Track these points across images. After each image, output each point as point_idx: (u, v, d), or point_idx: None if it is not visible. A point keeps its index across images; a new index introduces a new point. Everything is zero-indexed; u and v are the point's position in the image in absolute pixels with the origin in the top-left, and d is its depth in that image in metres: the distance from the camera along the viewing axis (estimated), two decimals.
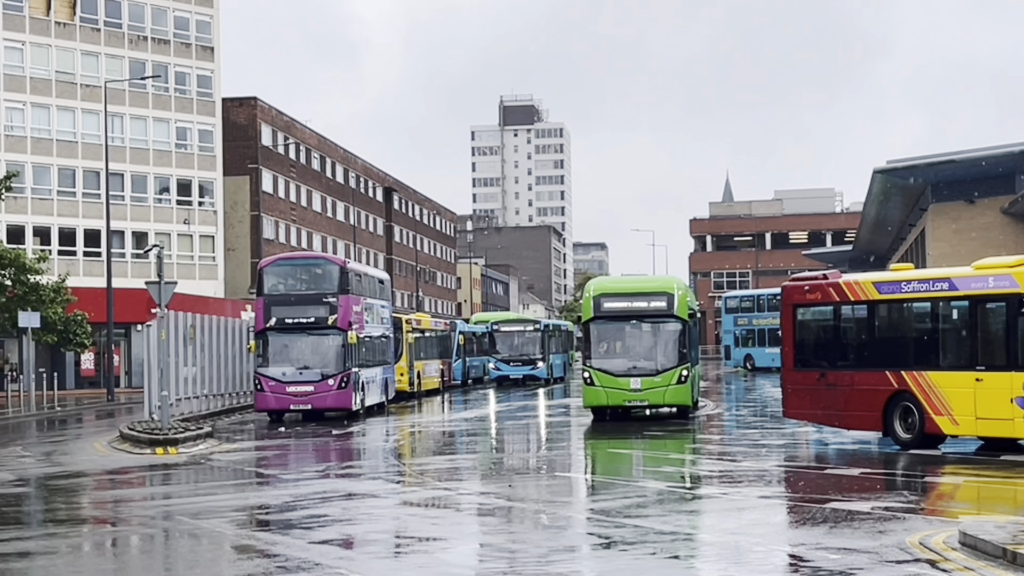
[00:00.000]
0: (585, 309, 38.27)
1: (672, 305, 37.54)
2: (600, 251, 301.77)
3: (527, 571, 14.43)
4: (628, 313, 37.84)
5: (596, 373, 37.33)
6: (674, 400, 37.28)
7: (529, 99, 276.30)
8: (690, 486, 23.21)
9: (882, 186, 64.29)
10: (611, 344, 38.20)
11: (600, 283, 40.51)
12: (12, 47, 78.12)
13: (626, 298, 37.99)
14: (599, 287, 38.97)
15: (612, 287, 39.46)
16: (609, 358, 37.69)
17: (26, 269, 56.74)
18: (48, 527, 19.76)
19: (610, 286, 39.75)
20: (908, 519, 17.44)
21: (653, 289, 38.57)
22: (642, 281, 42.46)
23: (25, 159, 77.27)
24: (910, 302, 27.79)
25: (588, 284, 39.69)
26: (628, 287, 39.32)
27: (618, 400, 37.29)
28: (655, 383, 36.88)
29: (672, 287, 38.44)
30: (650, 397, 37.15)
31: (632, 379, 37.02)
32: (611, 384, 37.11)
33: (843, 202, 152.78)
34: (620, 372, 37.24)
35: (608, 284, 40.85)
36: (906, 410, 27.20)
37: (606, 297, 38.00)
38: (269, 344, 43.49)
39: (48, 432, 42.80)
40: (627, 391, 37.05)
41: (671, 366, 37.10)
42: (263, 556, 15.98)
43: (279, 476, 26.74)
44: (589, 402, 37.91)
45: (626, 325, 38.09)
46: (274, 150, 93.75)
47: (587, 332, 38.08)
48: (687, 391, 37.44)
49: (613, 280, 44.10)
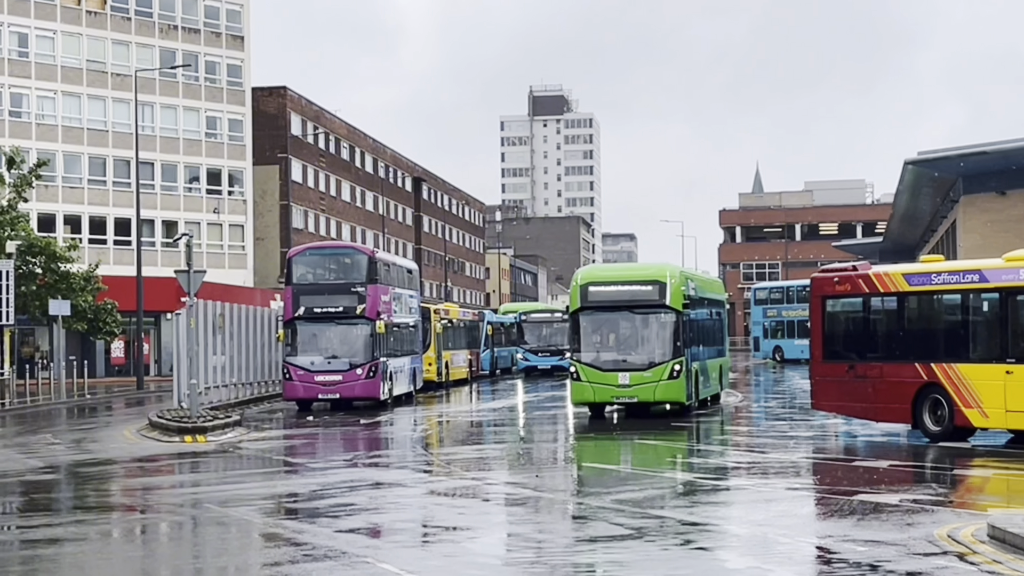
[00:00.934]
0: (572, 299, 35.96)
1: (664, 294, 35.00)
2: (629, 242, 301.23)
3: (553, 561, 14.43)
4: (617, 303, 35.44)
5: (583, 367, 35.15)
6: (665, 396, 34.87)
7: (559, 89, 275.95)
8: (715, 478, 23.16)
9: (913, 177, 63.91)
10: (599, 336, 35.91)
11: (589, 271, 38.27)
12: (44, 36, 78.47)
13: (614, 286, 35.66)
14: (587, 275, 36.59)
15: (600, 275, 37.12)
16: (597, 351, 35.45)
17: (57, 257, 57.01)
18: (77, 514, 19.87)
19: (598, 274, 37.45)
20: (937, 512, 17.36)
21: (643, 277, 36.06)
22: (632, 268, 40.67)
23: (56, 147, 77.60)
24: (940, 294, 27.66)
25: (577, 272, 37.34)
26: (617, 275, 37.11)
27: (605, 396, 35.05)
28: (645, 378, 34.55)
29: (664, 275, 35.58)
30: (639, 393, 34.69)
31: (620, 374, 34.73)
32: (598, 379, 34.87)
33: (874, 193, 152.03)
34: (608, 366, 34.95)
35: (597, 272, 38.46)
36: (935, 402, 27.07)
37: (594, 285, 35.70)
38: (298, 333, 43.60)
39: (78, 420, 43.03)
40: (614, 387, 34.75)
41: (663, 360, 34.65)
42: (290, 544, 16.02)
43: (307, 465, 26.81)
44: (576, 398, 35.88)
45: (615, 316, 35.69)
46: (303, 139, 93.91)
47: (575, 323, 35.83)
48: (680, 387, 34.76)
49: (602, 268, 41.34)
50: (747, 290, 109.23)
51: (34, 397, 51.10)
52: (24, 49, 77.82)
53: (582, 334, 35.53)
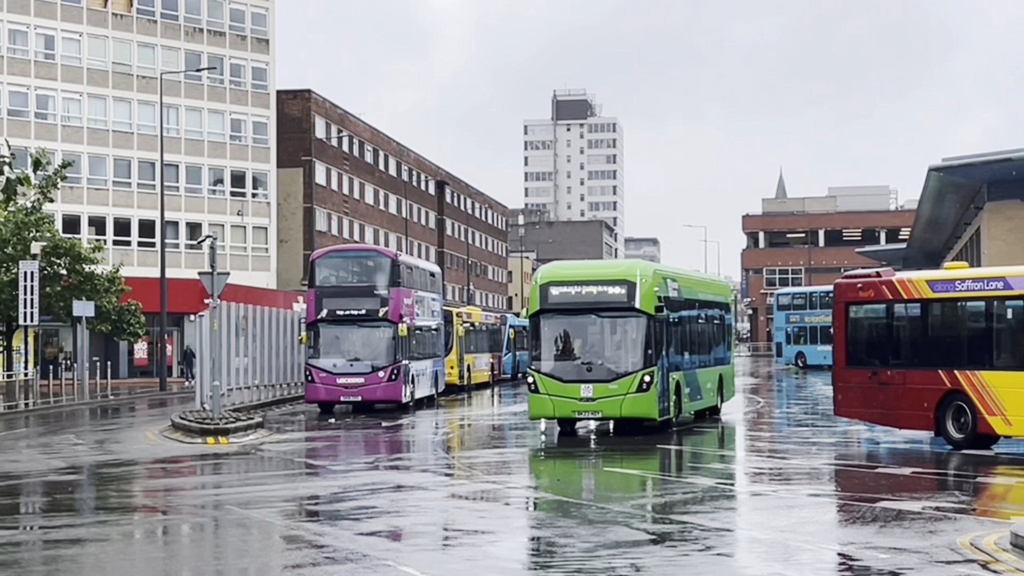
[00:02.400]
0: (532, 300, 32.28)
1: (632, 295, 31.09)
2: (652, 246, 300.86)
3: (574, 566, 14.41)
4: (580, 305, 31.63)
5: (541, 378, 31.39)
6: (633, 411, 30.98)
7: (583, 93, 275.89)
8: (735, 483, 23.10)
9: (937, 184, 63.72)
10: (561, 343, 32.07)
11: (550, 268, 33.75)
12: (70, 38, 78.83)
13: (578, 287, 31.75)
14: (548, 273, 32.71)
15: (563, 273, 32.73)
16: (557, 360, 31.76)
17: (81, 259, 57.19)
18: (99, 514, 19.94)
19: (561, 272, 32.95)
20: (959, 519, 17.30)
21: (610, 276, 32.19)
22: (599, 266, 36.64)
23: (81, 149, 77.95)
24: (964, 301, 27.55)
25: (538, 270, 33.50)
26: (581, 273, 32.82)
27: (565, 411, 31.31)
28: (610, 391, 30.75)
29: (633, 273, 31.75)
30: (604, 408, 30.94)
31: (583, 386, 30.92)
32: (558, 391, 31.11)
33: (898, 199, 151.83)
34: (569, 377, 31.18)
35: (559, 270, 33.53)
36: (959, 410, 26.96)
37: (555, 285, 31.86)
38: (320, 336, 43.70)
39: (101, 420, 43.17)
40: (576, 400, 30.97)
41: (631, 370, 30.87)
42: (311, 547, 16.05)
43: (328, 467, 26.85)
44: (534, 412, 32.09)
45: (578, 320, 31.85)
46: (327, 143, 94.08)
47: (534, 328, 32.14)
48: (650, 401, 30.87)
49: (566, 265, 35.80)
50: (770, 295, 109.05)
51: (57, 398, 51.29)
52: (50, 51, 78.20)
53: (542, 340, 31.91)
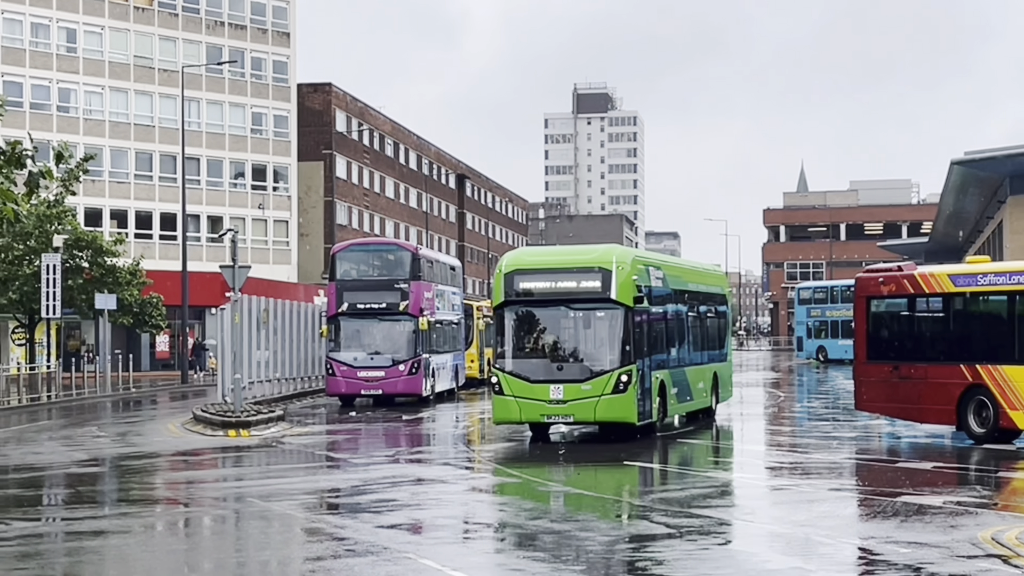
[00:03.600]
0: (495, 290, 28.93)
1: (608, 285, 27.77)
2: (672, 240, 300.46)
3: (594, 559, 14.42)
4: (549, 296, 28.29)
5: (507, 378, 28.01)
6: (608, 415, 27.66)
7: (603, 87, 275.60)
8: (757, 477, 23.09)
9: (959, 178, 63.49)
10: (528, 338, 28.73)
11: (517, 255, 30.23)
12: (91, 31, 79.06)
13: (547, 275, 28.51)
14: (514, 260, 29.24)
15: (530, 261, 29.45)
16: (525, 357, 28.38)
17: (103, 251, 57.40)
18: (121, 507, 20.03)
19: (528, 260, 29.63)
20: (980, 514, 17.26)
21: (583, 263, 28.56)
22: (571, 252, 31.58)
23: (103, 143, 78.22)
24: (986, 295, 27.47)
25: (503, 258, 29.89)
26: (551, 260, 29.53)
27: (533, 415, 27.99)
28: (582, 392, 27.51)
29: (609, 260, 28.18)
30: (576, 411, 27.66)
31: (552, 386, 27.59)
32: (525, 392, 27.79)
33: (919, 193, 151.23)
34: (537, 377, 27.85)
35: (526, 257, 30.20)
36: (980, 404, 26.89)
37: (522, 275, 28.52)
38: (341, 329, 43.76)
39: (123, 413, 43.33)
40: (544, 402, 27.68)
41: (607, 369, 27.61)
42: (332, 539, 16.09)
43: (349, 460, 26.92)
44: (499, 416, 28.59)
45: (547, 312, 28.44)
46: (348, 136, 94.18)
47: (499, 322, 28.72)
48: (627, 403, 27.56)
49: (534, 251, 32.83)
50: (791, 289, 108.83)
51: (80, 390, 51.49)
52: (72, 45, 78.44)
53: (507, 335, 28.46)
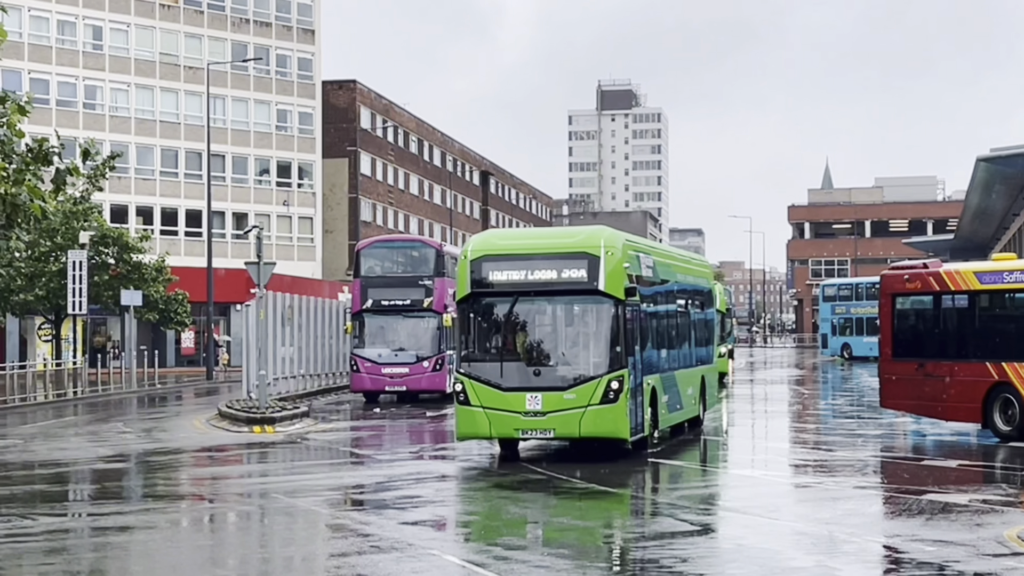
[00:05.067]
0: (460, 280, 24.21)
1: (595, 274, 23.37)
2: (696, 237, 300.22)
3: (619, 555, 14.42)
4: (524, 287, 23.73)
5: (473, 385, 23.51)
6: (597, 429, 23.13)
7: (627, 84, 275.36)
8: (782, 474, 23.06)
9: (985, 174, 63.24)
10: (499, 338, 24.28)
11: (484, 239, 25.26)
12: (118, 28, 79.35)
13: (522, 262, 23.79)
14: (481, 245, 24.52)
15: (501, 245, 24.66)
16: (495, 360, 23.91)
17: (129, 248, 57.66)
18: (147, 502, 20.13)
19: (498, 243, 24.82)
20: (1006, 512, 17.20)
21: (565, 248, 24.04)
22: (551, 235, 27.78)
23: (129, 139, 78.50)
24: (1012, 292, 27.34)
25: (467, 241, 25.42)
26: (526, 245, 24.70)
27: (505, 429, 23.48)
28: (565, 402, 23.08)
29: (597, 244, 23.65)
30: (558, 425, 23.13)
31: (528, 395, 23.17)
32: (495, 403, 23.33)
33: (945, 190, 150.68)
34: (509, 384, 23.39)
35: (496, 240, 25.28)
36: (1006, 402, 26.79)
37: (492, 261, 23.96)
38: (365, 325, 43.84)
39: (148, 409, 43.50)
40: (519, 414, 23.19)
41: (593, 374, 23.27)
42: (357, 535, 16.13)
43: (374, 456, 26.96)
44: (463, 431, 24.03)
45: (522, 307, 23.86)
46: (372, 133, 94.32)
47: (463, 318, 24.25)
48: (619, 414, 23.18)
49: (505, 234, 28.26)
50: (816, 286, 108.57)
51: (105, 386, 51.69)
52: (98, 42, 78.76)
53: (473, 334, 24.17)
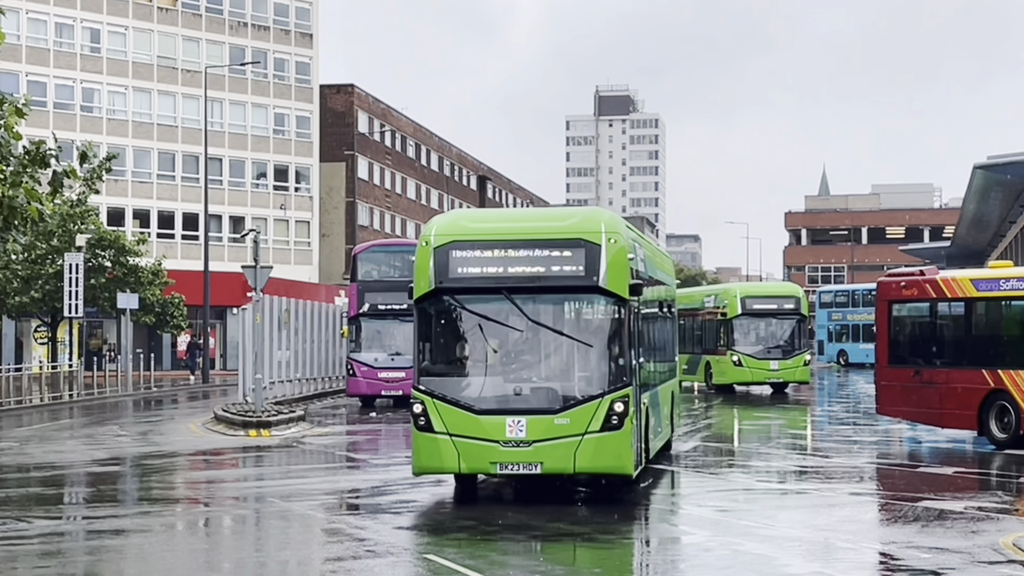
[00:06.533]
0: (419, 273, 18.97)
1: (595, 267, 18.56)
2: (693, 243, 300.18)
3: (614, 562, 14.41)
4: (503, 281, 18.72)
5: (436, 406, 18.48)
6: (594, 463, 18.35)
7: (625, 89, 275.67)
8: (780, 482, 23.05)
9: (982, 182, 63.34)
10: (469, 346, 19.36)
11: (452, 222, 19.68)
12: (115, 31, 79.35)
13: (500, 250, 18.80)
14: (448, 228, 19.23)
15: (474, 229, 19.32)
16: (466, 375, 19.14)
17: (125, 251, 57.67)
18: (142, 505, 20.11)
19: (471, 227, 19.45)
20: (1002, 520, 17.21)
21: (557, 233, 18.93)
22: (536, 217, 21.58)
23: (126, 142, 78.48)
24: (1008, 300, 27.34)
25: (428, 225, 19.59)
26: (506, 229, 19.45)
27: (479, 462, 18.40)
28: (556, 429, 18.21)
29: (597, 229, 18.76)
30: (547, 457, 18.19)
31: (508, 420, 18.22)
32: (466, 428, 18.32)
33: (942, 197, 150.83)
34: (485, 405, 18.49)
35: (467, 223, 19.69)
36: (1002, 409, 26.78)
37: (461, 249, 18.85)
38: (362, 330, 43.84)
39: (144, 412, 43.46)
40: (498, 444, 18.20)
41: (592, 393, 18.40)
42: (352, 540, 16.12)
43: (370, 461, 26.95)
44: (423, 464, 18.79)
45: (500, 308, 18.86)
46: (370, 137, 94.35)
47: (423, 320, 19.12)
48: (622, 444, 18.41)
49: (477, 216, 21.55)
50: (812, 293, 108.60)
51: (101, 389, 51.65)
52: (96, 45, 78.75)
53: (435, 341, 19.34)
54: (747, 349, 47.83)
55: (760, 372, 47.75)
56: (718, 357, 49.11)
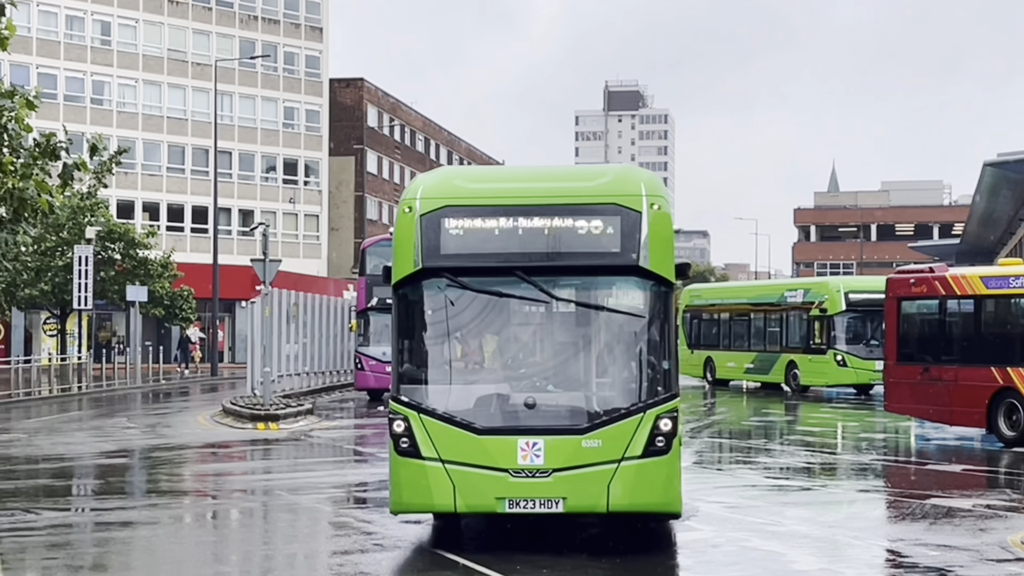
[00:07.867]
0: (401, 247, 15.20)
1: (633, 240, 14.17)
2: (702, 239, 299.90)
3: (618, 559, 14.39)
4: (511, 260, 14.34)
5: (424, 423, 14.32)
6: (635, 499, 14.01)
7: (634, 84, 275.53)
8: (788, 479, 23.03)
9: (992, 179, 63.16)
10: (470, 345, 15.35)
11: (443, 181, 15.08)
12: (126, 24, 79.42)
13: (507, 219, 14.36)
14: (437, 190, 14.71)
15: (471, 191, 14.69)
16: (463, 382, 14.91)
17: (135, 244, 57.74)
18: (151, 498, 20.13)
19: (467, 187, 14.79)
20: (1010, 517, 17.18)
21: (581, 195, 14.44)
22: (550, 176, 15.36)
23: (136, 135, 78.55)
24: (1018, 298, 27.29)
25: (413, 185, 15.06)
26: (512, 191, 14.67)
27: (481, 498, 13.98)
28: (583, 453, 13.90)
29: (636, 190, 14.30)
30: (570, 491, 13.88)
31: (522, 441, 13.88)
32: (465, 454, 14.00)
33: (952, 194, 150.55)
34: (490, 422, 14.19)
35: (462, 183, 14.95)
36: (1011, 407, 26.75)
37: (456, 217, 14.43)
38: (370, 324, 43.81)
39: (152, 404, 43.53)
40: (507, 474, 13.88)
41: (628, 407, 14.09)
42: (359, 533, 16.14)
43: (377, 454, 26.92)
44: (404, 501, 14.57)
45: (508, 296, 14.60)
46: (379, 131, 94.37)
47: (404, 310, 15.46)
48: (672, 473, 14.23)
49: (474, 175, 16.08)
50: None
51: (110, 381, 51.74)
52: (107, 37, 78.83)
53: (421, 338, 15.14)
54: (851, 348, 44.04)
55: (865, 373, 43.53)
56: (810, 356, 45.24)
